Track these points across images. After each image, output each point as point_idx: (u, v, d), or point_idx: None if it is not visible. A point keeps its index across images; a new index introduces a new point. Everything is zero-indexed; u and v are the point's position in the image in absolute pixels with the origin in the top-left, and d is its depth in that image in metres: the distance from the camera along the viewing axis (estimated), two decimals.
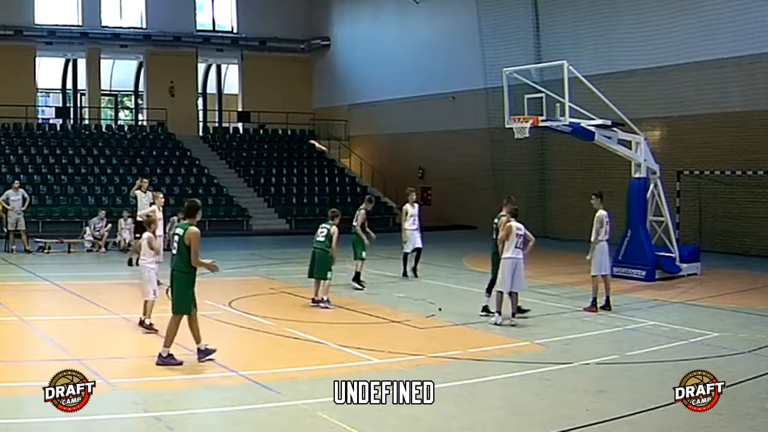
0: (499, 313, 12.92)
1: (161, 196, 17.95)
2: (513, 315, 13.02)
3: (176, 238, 10.27)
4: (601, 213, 14.45)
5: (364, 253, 16.92)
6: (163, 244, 17.84)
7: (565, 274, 19.64)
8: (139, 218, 20.68)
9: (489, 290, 13.73)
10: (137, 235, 20.71)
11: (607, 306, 14.36)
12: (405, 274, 18.45)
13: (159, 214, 17.05)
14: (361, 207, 17.54)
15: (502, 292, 12.97)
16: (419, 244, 18.47)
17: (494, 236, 13.68)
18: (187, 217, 10.38)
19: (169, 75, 38.53)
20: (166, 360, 10.01)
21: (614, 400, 8.89)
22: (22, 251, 22.82)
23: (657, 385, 9.29)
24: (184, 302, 10.20)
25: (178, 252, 10.24)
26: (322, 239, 14.66)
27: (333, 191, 36.09)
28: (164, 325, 12.80)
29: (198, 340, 10.27)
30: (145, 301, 12.14)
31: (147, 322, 12.00)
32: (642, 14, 26.03)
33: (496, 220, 13.86)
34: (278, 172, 36.82)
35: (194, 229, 10.17)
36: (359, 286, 16.75)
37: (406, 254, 18.46)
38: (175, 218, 25.34)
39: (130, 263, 20.24)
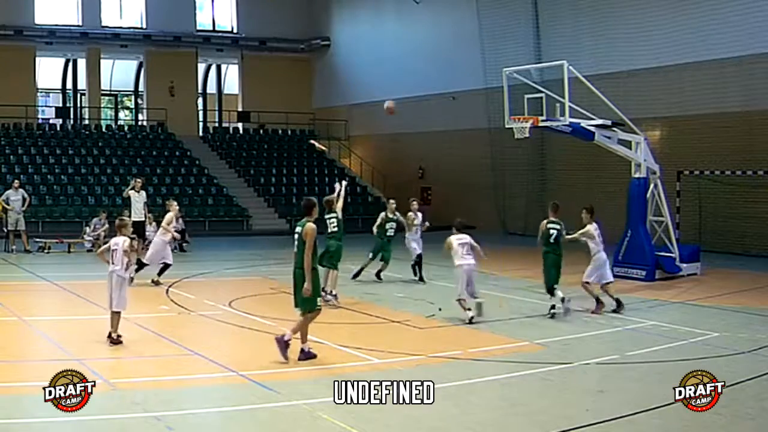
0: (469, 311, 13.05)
1: (175, 204, 18.11)
2: (470, 318, 13.03)
3: (296, 236, 10.37)
4: (589, 227, 14.49)
5: (370, 254, 17.58)
6: (172, 245, 18.05)
7: (564, 274, 19.62)
8: (134, 219, 20.74)
9: (549, 290, 14.02)
10: (132, 236, 20.76)
11: (620, 307, 14.15)
12: (421, 278, 18.07)
13: (174, 224, 17.29)
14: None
15: (460, 300, 13.16)
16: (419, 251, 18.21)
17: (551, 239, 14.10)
18: (305, 215, 10.49)
19: (169, 75, 38.53)
20: (308, 354, 10.27)
21: (614, 400, 8.89)
22: (22, 251, 22.83)
23: (657, 385, 9.29)
24: (312, 299, 10.33)
25: (298, 249, 10.34)
26: (336, 230, 14.65)
27: (333, 191, 35.99)
28: (164, 328, 12.83)
29: (304, 340, 10.41)
30: (116, 313, 11.29)
31: (114, 335, 11.23)
32: (642, 14, 26.03)
33: (555, 227, 14.24)
34: (278, 172, 36.82)
35: (311, 225, 10.28)
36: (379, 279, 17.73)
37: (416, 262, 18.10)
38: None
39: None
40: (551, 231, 14.17)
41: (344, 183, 15.79)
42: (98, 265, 20.92)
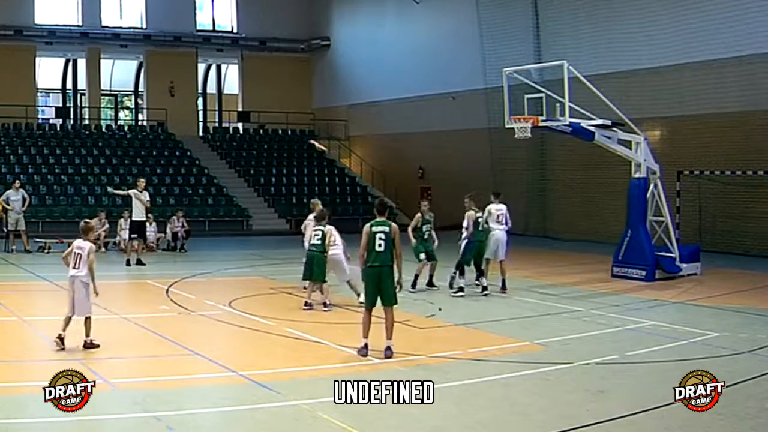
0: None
1: (320, 203, 16.50)
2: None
3: (382, 235, 10.67)
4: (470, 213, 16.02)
5: (422, 255, 16.65)
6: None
7: (565, 274, 19.65)
8: (135, 219, 20.73)
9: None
10: (133, 236, 20.74)
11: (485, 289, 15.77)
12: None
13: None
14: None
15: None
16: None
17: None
18: (380, 215, 10.91)
19: (169, 75, 38.54)
20: (361, 350, 10.59)
21: (614, 400, 8.89)
22: (22, 251, 22.83)
23: (657, 385, 9.29)
24: (395, 295, 10.82)
25: (385, 248, 10.67)
26: (318, 242, 14.52)
27: (333, 191, 36.09)
28: (172, 330, 12.83)
29: (389, 336, 10.65)
30: (87, 318, 10.92)
31: (89, 340, 10.91)
32: (642, 14, 26.03)
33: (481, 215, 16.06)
34: (278, 172, 36.82)
35: (396, 225, 10.85)
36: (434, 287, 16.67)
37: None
38: (175, 218, 25.43)
39: (128, 263, 20.23)
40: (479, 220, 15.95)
41: None
42: (98, 265, 20.95)
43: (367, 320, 10.66)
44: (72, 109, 39.61)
